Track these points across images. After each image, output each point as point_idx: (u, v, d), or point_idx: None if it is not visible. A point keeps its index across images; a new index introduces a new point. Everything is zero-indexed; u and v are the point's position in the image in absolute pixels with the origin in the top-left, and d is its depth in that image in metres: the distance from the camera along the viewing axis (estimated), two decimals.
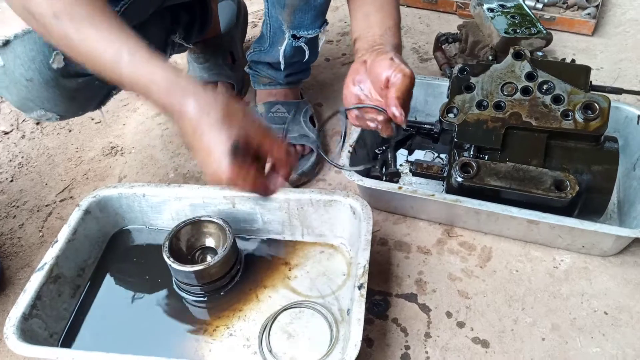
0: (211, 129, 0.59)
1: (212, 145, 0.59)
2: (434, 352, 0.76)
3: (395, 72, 0.71)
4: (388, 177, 0.98)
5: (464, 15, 1.44)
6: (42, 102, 0.77)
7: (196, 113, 0.59)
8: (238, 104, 0.62)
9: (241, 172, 0.61)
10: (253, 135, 0.62)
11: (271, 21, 0.97)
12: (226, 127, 0.59)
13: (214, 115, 0.59)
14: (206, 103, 0.60)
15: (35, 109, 0.78)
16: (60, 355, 0.68)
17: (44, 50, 0.72)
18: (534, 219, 0.80)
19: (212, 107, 0.60)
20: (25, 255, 0.94)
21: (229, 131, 0.59)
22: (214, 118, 0.59)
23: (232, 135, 0.60)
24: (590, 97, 0.82)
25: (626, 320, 0.78)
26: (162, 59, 0.61)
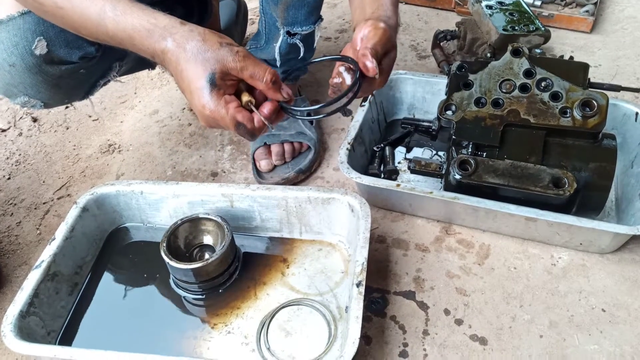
0: (188, 63, 0.60)
1: (190, 80, 0.60)
2: (432, 349, 0.76)
3: (369, 28, 0.68)
4: (386, 175, 0.98)
5: (463, 13, 1.44)
6: (25, 89, 0.77)
7: (174, 50, 0.60)
8: (215, 35, 0.62)
9: (219, 104, 0.61)
10: (232, 65, 0.61)
11: (266, 18, 0.97)
12: (200, 59, 0.60)
13: (189, 49, 0.60)
14: (182, 37, 0.60)
15: (19, 95, 0.78)
16: (57, 353, 0.67)
17: (27, 36, 0.73)
18: (532, 217, 0.80)
19: (187, 40, 0.60)
20: (22, 253, 0.94)
21: (204, 63, 0.60)
22: (190, 52, 0.60)
23: (207, 67, 0.60)
24: (588, 94, 0.82)
25: (624, 318, 0.78)
26: (141, 6, 0.62)
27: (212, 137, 1.14)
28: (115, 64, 0.87)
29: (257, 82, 0.63)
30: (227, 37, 0.62)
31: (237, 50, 0.61)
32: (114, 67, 0.87)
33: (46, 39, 0.74)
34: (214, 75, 0.60)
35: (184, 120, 1.19)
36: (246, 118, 0.63)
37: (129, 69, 0.94)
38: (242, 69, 0.61)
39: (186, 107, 1.22)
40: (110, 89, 1.27)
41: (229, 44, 0.61)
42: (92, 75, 0.86)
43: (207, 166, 1.07)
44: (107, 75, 0.88)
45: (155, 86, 1.29)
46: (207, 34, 0.61)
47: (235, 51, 0.61)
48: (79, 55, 0.77)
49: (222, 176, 1.05)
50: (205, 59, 0.60)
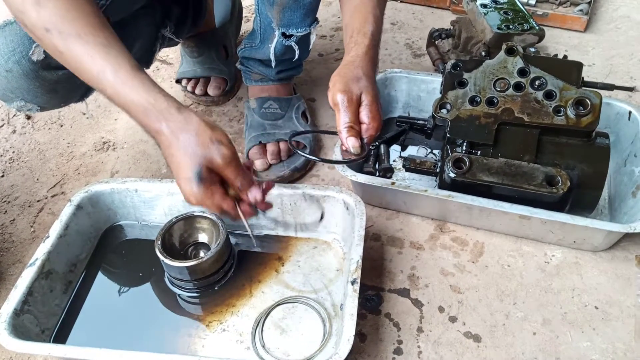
0: (179, 151, 0.64)
1: (180, 168, 0.65)
2: (426, 346, 0.76)
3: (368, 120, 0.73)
4: (381, 173, 0.98)
5: (457, 11, 1.44)
6: (22, 93, 0.77)
7: (168, 135, 0.64)
8: (208, 130, 0.65)
9: (206, 195, 0.66)
10: (217, 163, 0.65)
11: (261, 18, 0.97)
12: (190, 152, 0.64)
13: (182, 140, 0.63)
14: (177, 126, 0.64)
15: (15, 100, 0.78)
16: (52, 351, 0.67)
17: (24, 42, 0.73)
18: (525, 215, 0.80)
19: (182, 130, 0.64)
20: (16, 251, 0.93)
21: (193, 158, 0.64)
22: (182, 142, 0.63)
23: (196, 161, 0.64)
24: (582, 93, 0.82)
25: (616, 315, 0.78)
26: (142, 79, 0.64)
27: None
28: None
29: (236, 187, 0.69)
30: (219, 132, 0.66)
31: (223, 153, 0.65)
32: None
33: None
34: (201, 170, 0.64)
35: None
36: (230, 207, 0.69)
37: None
38: (225, 171, 0.66)
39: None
40: None
41: (219, 141, 0.65)
42: None
43: None
44: None
45: None
46: (200, 128, 0.64)
47: (222, 153, 0.65)
48: None
49: None
50: (195, 153, 0.64)
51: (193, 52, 1.17)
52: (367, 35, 0.76)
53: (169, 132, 0.64)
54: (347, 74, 0.73)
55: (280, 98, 1.06)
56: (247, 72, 1.09)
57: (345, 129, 0.72)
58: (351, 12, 0.79)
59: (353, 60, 0.74)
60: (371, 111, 0.73)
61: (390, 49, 1.34)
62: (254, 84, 1.09)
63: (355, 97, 0.72)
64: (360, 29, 0.76)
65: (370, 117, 0.73)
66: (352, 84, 0.72)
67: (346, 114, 0.72)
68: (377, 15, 0.78)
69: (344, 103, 0.71)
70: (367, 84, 0.73)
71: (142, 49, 0.94)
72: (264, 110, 1.05)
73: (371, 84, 0.74)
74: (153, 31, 0.95)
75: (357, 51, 0.75)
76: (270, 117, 1.04)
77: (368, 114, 0.73)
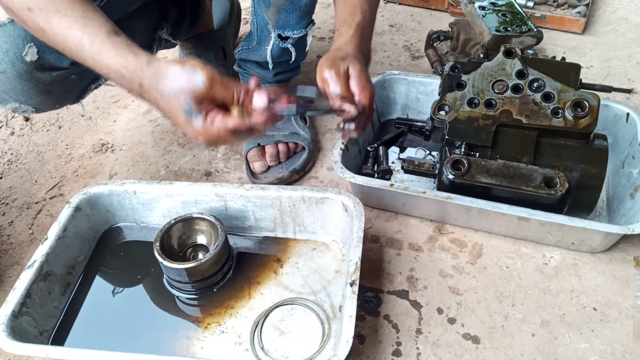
0: (166, 103, 0.64)
1: (175, 117, 0.64)
2: (425, 348, 0.76)
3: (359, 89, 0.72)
4: (380, 175, 0.98)
5: (456, 13, 1.44)
6: (16, 95, 0.77)
7: (151, 92, 0.64)
8: (179, 64, 0.63)
9: (208, 125, 0.63)
10: (200, 89, 0.63)
11: (258, 20, 0.97)
12: (173, 95, 0.63)
13: (162, 89, 0.63)
14: (152, 81, 0.63)
15: (10, 101, 0.78)
16: (50, 353, 0.67)
17: (17, 43, 0.73)
18: (524, 216, 0.80)
19: (158, 81, 0.63)
20: (14, 253, 0.93)
21: (178, 99, 0.62)
22: (163, 92, 0.63)
23: (180, 100, 0.62)
24: (580, 95, 0.82)
25: (615, 316, 0.78)
26: (114, 43, 0.64)
27: None
28: None
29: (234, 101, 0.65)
30: (190, 62, 0.64)
31: (201, 77, 0.62)
32: None
33: (36, 45, 0.74)
34: (189, 105, 0.63)
35: None
36: (237, 122, 0.64)
37: None
38: (212, 92, 0.64)
39: None
40: (103, 89, 1.26)
41: (193, 69, 0.63)
42: (83, 80, 0.85)
43: (200, 166, 1.07)
44: (98, 79, 0.88)
45: None
46: (172, 70, 0.63)
47: (200, 78, 0.62)
48: (69, 61, 0.77)
49: (215, 176, 1.05)
50: (177, 94, 0.63)
51: (191, 53, 1.17)
52: (352, 26, 0.76)
53: (149, 88, 0.64)
54: (332, 56, 0.73)
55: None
56: (244, 75, 1.09)
57: (337, 99, 0.70)
58: (341, 5, 0.80)
59: (338, 48, 0.75)
60: (360, 81, 0.72)
61: (388, 51, 1.35)
62: None
63: (343, 71, 0.71)
64: (346, 20, 0.77)
65: (360, 87, 0.71)
66: (338, 61, 0.72)
67: (336, 86, 0.70)
68: (364, 8, 0.78)
69: (332, 77, 0.70)
70: (353, 60, 0.72)
71: None
72: None
73: (358, 60, 0.73)
74: (149, 32, 0.95)
75: (341, 40, 0.76)
76: None
77: (358, 83, 0.71)
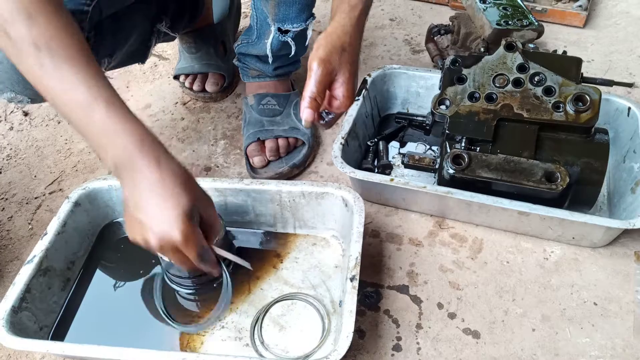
0: (172, 191, 0.62)
1: (169, 206, 0.62)
2: (425, 343, 0.76)
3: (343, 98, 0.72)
4: (380, 169, 0.98)
5: (456, 7, 1.44)
6: (12, 85, 0.76)
7: (160, 173, 0.62)
8: (192, 176, 0.66)
9: (193, 234, 0.64)
10: (202, 207, 0.66)
11: (257, 13, 0.96)
12: (184, 192, 0.63)
13: (175, 180, 0.62)
14: (169, 166, 0.63)
15: (6, 91, 0.78)
16: (50, 348, 0.67)
17: None
18: (524, 211, 0.80)
19: (173, 171, 0.63)
20: (14, 248, 0.93)
21: (186, 196, 0.63)
22: (175, 182, 0.62)
23: (189, 200, 0.63)
24: (581, 89, 0.82)
25: (615, 311, 0.78)
26: (136, 117, 0.63)
27: (205, 131, 1.13)
28: (104, 60, 0.86)
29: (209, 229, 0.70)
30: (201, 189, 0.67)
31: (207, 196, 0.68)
32: (103, 62, 0.86)
33: None
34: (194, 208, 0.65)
35: (177, 114, 1.18)
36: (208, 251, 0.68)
37: (118, 63, 0.93)
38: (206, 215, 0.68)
39: (179, 101, 1.21)
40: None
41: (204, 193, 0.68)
42: None
43: (200, 161, 1.07)
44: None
45: (148, 80, 1.28)
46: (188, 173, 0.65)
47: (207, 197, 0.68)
48: None
49: (215, 171, 1.05)
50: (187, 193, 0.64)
51: (191, 47, 1.17)
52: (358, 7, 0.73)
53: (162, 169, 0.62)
54: (334, 41, 0.70)
55: (278, 94, 1.06)
56: (244, 69, 1.08)
57: (307, 99, 0.69)
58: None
59: (343, 25, 0.72)
60: (347, 89, 0.71)
61: (389, 45, 1.34)
62: (251, 80, 1.08)
63: (334, 70, 0.70)
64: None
65: (345, 96, 0.71)
66: (335, 54, 0.70)
67: (315, 85, 0.69)
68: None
69: (317, 73, 0.69)
70: (349, 58, 0.71)
71: (137, 43, 0.93)
72: (262, 107, 1.04)
73: (354, 57, 0.72)
74: (148, 25, 0.95)
75: (349, 14, 0.73)
76: (268, 114, 1.04)
77: (344, 92, 0.71)
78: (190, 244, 0.64)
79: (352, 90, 0.72)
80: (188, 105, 1.20)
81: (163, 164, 0.62)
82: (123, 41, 0.88)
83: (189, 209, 0.63)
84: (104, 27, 0.81)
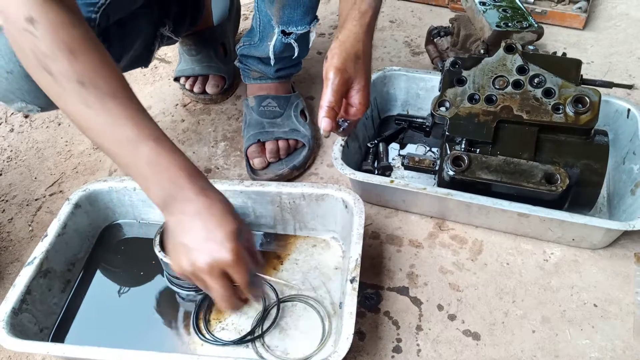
0: (220, 216, 0.62)
1: (217, 227, 0.62)
2: (425, 344, 0.76)
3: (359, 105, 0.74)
4: (380, 171, 0.98)
5: (456, 9, 1.44)
6: (23, 94, 0.77)
7: (208, 201, 0.63)
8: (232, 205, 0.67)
9: (243, 253, 0.63)
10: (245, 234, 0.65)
11: (261, 15, 0.97)
12: (230, 217, 0.63)
13: (221, 206, 0.64)
14: (214, 194, 0.64)
15: (16, 101, 0.78)
16: (50, 349, 0.67)
17: None
18: (524, 212, 0.80)
19: (219, 199, 0.64)
20: (14, 250, 0.93)
21: (232, 220, 0.63)
22: (221, 208, 0.63)
23: (235, 223, 0.63)
24: (580, 90, 0.82)
25: (615, 313, 0.78)
26: (180, 150, 0.64)
27: (206, 133, 1.13)
28: None
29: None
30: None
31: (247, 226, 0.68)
32: None
33: None
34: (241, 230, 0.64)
35: (177, 116, 1.18)
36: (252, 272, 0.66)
37: (123, 68, 0.93)
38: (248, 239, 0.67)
39: (179, 103, 1.21)
40: None
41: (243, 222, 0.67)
42: None
43: (200, 162, 1.07)
44: None
45: (148, 82, 1.29)
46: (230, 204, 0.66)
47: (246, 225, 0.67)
48: None
49: (215, 172, 1.05)
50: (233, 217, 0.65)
51: (191, 50, 1.17)
52: (372, 5, 0.74)
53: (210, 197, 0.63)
54: (348, 49, 0.71)
55: (279, 96, 1.06)
56: (245, 70, 1.08)
57: (325, 108, 0.71)
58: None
59: (356, 32, 0.72)
60: (363, 96, 0.73)
61: (389, 46, 1.34)
62: (252, 82, 1.08)
63: (350, 79, 0.72)
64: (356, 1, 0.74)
65: (361, 103, 0.73)
66: (350, 62, 0.71)
67: (332, 94, 0.71)
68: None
69: (334, 82, 0.70)
70: (364, 66, 0.72)
71: (141, 48, 0.94)
72: (263, 109, 1.04)
73: (368, 64, 0.74)
74: (152, 30, 0.95)
75: (360, 21, 0.73)
76: (269, 115, 1.04)
77: (360, 99, 0.73)
78: (241, 264, 0.62)
79: (367, 97, 0.74)
80: (188, 107, 1.20)
81: (209, 193, 0.63)
82: (129, 46, 0.89)
83: (237, 229, 0.63)
84: (111, 33, 0.82)
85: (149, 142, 0.61)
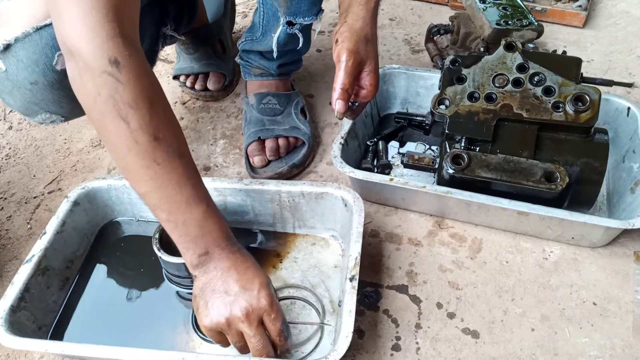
0: (252, 270, 0.66)
1: (252, 279, 0.65)
2: (425, 342, 0.76)
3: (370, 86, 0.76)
4: (380, 169, 0.98)
5: (456, 7, 1.44)
6: (47, 105, 0.75)
7: (241, 258, 0.66)
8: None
9: (277, 301, 0.66)
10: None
11: (265, 9, 0.96)
12: (260, 270, 0.67)
13: (252, 262, 0.67)
14: (245, 252, 0.68)
15: (40, 112, 0.76)
16: (49, 347, 0.67)
17: (46, 52, 0.70)
18: (524, 211, 0.80)
19: (248, 256, 0.68)
20: (13, 248, 0.93)
21: (262, 273, 0.67)
22: (252, 264, 0.67)
23: (265, 276, 0.66)
24: (580, 89, 0.82)
25: (614, 311, 0.78)
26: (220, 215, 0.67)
27: (205, 131, 1.13)
28: None
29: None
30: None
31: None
32: None
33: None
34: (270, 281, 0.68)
35: (176, 114, 1.17)
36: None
37: None
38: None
39: (178, 101, 1.21)
40: None
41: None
42: None
43: (199, 160, 1.07)
44: None
45: None
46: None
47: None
48: None
49: (214, 170, 1.05)
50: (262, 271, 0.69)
51: (189, 48, 1.17)
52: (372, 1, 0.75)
53: (242, 253, 0.67)
54: (358, 32, 0.72)
55: (279, 94, 1.06)
56: (246, 67, 1.08)
57: (339, 91, 0.72)
58: None
59: (363, 17, 0.73)
60: (373, 78, 0.75)
61: (388, 44, 1.34)
62: (253, 78, 1.08)
63: (362, 60, 0.73)
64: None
65: (372, 84, 0.75)
66: (361, 45, 0.72)
67: (345, 76, 0.71)
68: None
69: (347, 64, 0.71)
70: (373, 49, 0.74)
71: (145, 48, 0.93)
72: (263, 106, 1.04)
73: (376, 48, 0.75)
74: (155, 31, 0.95)
75: (365, 6, 0.74)
76: (269, 113, 1.04)
77: (371, 81, 0.75)
78: (276, 310, 0.64)
79: (377, 78, 0.76)
80: (187, 104, 1.20)
81: (243, 251, 0.67)
82: None
83: (268, 281, 0.66)
84: None
85: (202, 205, 0.62)
